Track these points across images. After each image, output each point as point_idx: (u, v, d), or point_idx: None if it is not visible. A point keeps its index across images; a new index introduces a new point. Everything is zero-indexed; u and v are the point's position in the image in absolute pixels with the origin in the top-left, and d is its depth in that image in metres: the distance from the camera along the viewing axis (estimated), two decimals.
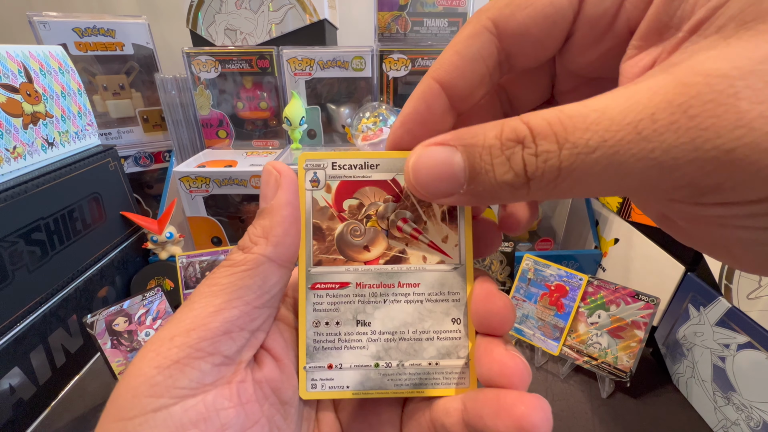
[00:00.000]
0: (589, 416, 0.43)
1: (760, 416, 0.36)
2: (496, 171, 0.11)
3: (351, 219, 0.16)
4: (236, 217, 0.71)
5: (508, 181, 0.11)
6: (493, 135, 0.11)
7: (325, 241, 0.15)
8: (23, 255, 0.43)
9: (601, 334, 0.47)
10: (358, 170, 0.15)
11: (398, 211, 0.16)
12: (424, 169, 0.13)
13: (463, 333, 0.16)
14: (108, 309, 0.43)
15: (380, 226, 0.16)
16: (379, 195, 0.16)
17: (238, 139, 0.77)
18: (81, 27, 0.65)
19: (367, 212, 0.16)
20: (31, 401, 0.43)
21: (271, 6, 0.69)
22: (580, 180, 0.10)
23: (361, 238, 0.16)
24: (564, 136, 0.10)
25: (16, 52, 0.47)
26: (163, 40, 0.82)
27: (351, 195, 0.15)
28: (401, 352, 0.16)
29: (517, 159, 0.11)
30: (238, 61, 0.70)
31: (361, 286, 0.16)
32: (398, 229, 0.16)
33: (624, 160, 0.10)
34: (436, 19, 0.70)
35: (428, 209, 0.16)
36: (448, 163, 0.12)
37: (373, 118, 0.66)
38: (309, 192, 0.15)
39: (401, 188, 0.15)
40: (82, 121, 0.56)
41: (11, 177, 0.44)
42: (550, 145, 0.10)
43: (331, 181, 0.15)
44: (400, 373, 0.16)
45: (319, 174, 0.15)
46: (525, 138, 0.11)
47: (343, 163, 0.15)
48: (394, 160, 0.15)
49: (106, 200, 0.58)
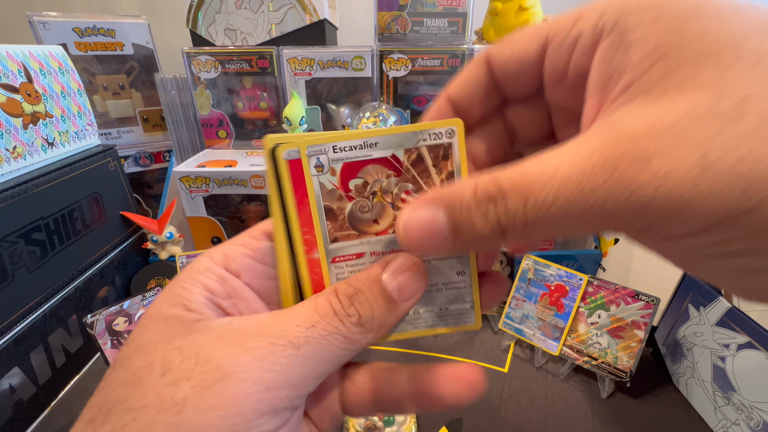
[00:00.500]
0: (589, 416, 0.43)
1: (760, 416, 0.36)
2: (476, 226, 0.13)
3: (358, 197, 0.17)
4: (236, 217, 0.71)
5: (487, 234, 0.13)
6: (470, 195, 0.13)
7: (337, 220, 0.17)
8: (23, 255, 0.43)
9: (601, 334, 0.47)
10: (358, 150, 0.16)
11: (401, 185, 0.17)
12: (414, 230, 0.14)
13: (468, 282, 0.18)
14: (108, 309, 0.43)
15: (385, 200, 0.17)
16: (381, 172, 0.17)
17: (238, 139, 0.77)
18: (81, 27, 0.65)
19: (372, 189, 0.17)
20: (31, 401, 0.43)
21: (271, 6, 0.69)
22: (545, 228, 0.12)
23: (370, 213, 0.17)
24: (527, 194, 0.12)
25: (16, 52, 0.47)
26: (163, 40, 0.82)
27: (355, 175, 0.16)
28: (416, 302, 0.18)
29: (491, 216, 0.13)
30: (238, 61, 0.70)
31: (375, 254, 0.17)
32: (402, 200, 0.17)
33: (574, 211, 0.12)
34: (436, 19, 0.70)
35: (428, 179, 0.17)
36: (434, 223, 0.14)
37: (373, 118, 0.66)
38: (315, 177, 0.16)
39: (401, 162, 0.16)
40: (82, 121, 0.56)
41: (11, 177, 0.44)
42: (517, 202, 0.12)
43: (335, 165, 0.16)
44: (416, 318, 0.18)
45: (322, 159, 0.16)
46: (495, 197, 0.13)
47: (344, 145, 0.16)
48: (391, 137, 0.16)
49: (106, 200, 0.58)
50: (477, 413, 0.43)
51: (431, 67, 0.71)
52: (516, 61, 0.16)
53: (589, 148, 0.12)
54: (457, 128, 0.16)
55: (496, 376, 0.48)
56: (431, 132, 0.16)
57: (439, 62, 0.71)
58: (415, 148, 0.16)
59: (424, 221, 0.14)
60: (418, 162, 0.16)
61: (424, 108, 0.76)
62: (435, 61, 0.71)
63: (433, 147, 0.16)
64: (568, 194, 0.11)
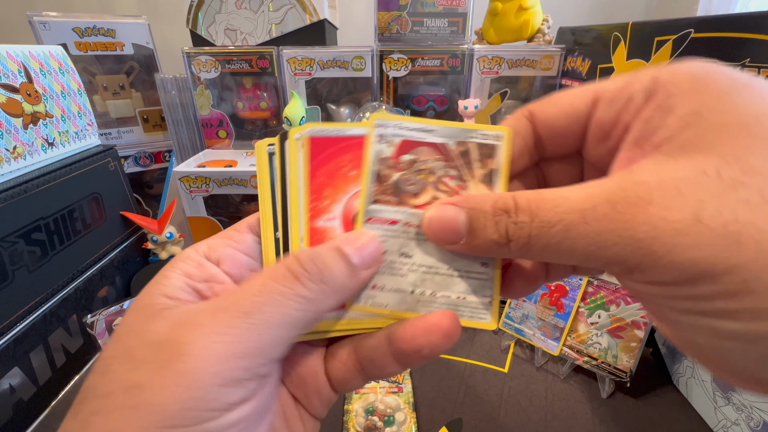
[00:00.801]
0: (589, 416, 0.43)
1: (760, 416, 0.36)
2: (488, 230, 0.15)
3: (407, 170, 0.18)
4: (236, 217, 0.71)
5: (495, 239, 0.15)
6: (490, 204, 0.15)
7: (382, 185, 0.18)
8: (23, 255, 0.43)
9: (601, 334, 0.47)
10: (417, 132, 0.18)
11: (446, 169, 0.18)
12: (436, 222, 0.17)
13: (490, 276, 0.19)
14: (108, 309, 0.43)
15: (429, 179, 0.18)
16: (431, 154, 0.18)
17: (238, 139, 0.77)
18: (81, 27, 0.65)
19: (419, 167, 0.18)
20: (31, 401, 0.43)
21: (271, 6, 0.69)
22: (545, 247, 0.14)
23: (413, 186, 0.18)
24: (536, 213, 0.14)
25: (16, 52, 0.47)
26: (163, 40, 0.82)
27: (408, 151, 0.18)
28: (435, 284, 0.18)
29: (502, 224, 0.15)
30: (238, 61, 0.70)
31: (408, 225, 0.18)
32: (444, 183, 0.18)
33: (573, 236, 0.13)
34: (436, 19, 0.70)
35: (470, 171, 0.18)
36: (455, 220, 0.16)
37: None
38: (375, 144, 0.18)
39: (450, 151, 0.18)
40: (82, 121, 0.56)
41: (11, 177, 0.44)
42: (525, 218, 0.14)
43: (394, 138, 0.18)
44: (431, 301, 0.18)
45: (386, 131, 0.18)
46: (510, 210, 0.15)
47: (406, 125, 0.18)
48: (448, 128, 0.18)
49: (106, 200, 0.58)
50: (477, 413, 0.43)
51: (431, 67, 0.71)
52: (563, 117, 0.17)
53: (600, 187, 0.13)
54: (505, 134, 0.18)
55: (496, 376, 0.48)
56: (483, 132, 0.18)
57: (439, 62, 0.71)
58: (465, 142, 0.18)
59: (447, 216, 0.16)
60: (465, 154, 0.18)
61: (424, 108, 0.76)
62: (435, 61, 0.71)
63: (481, 145, 0.18)
64: (570, 219, 0.13)
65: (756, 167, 0.11)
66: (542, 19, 0.74)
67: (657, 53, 0.48)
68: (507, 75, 0.72)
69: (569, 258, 0.13)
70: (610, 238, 0.12)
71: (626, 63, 0.54)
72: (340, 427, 0.41)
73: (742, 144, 0.11)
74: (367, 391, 0.45)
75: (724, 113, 0.12)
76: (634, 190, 0.12)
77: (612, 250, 0.12)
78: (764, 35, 0.36)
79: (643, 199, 0.12)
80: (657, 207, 0.11)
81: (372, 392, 0.45)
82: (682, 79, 0.13)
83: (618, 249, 0.12)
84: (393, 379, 0.46)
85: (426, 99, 0.76)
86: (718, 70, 0.13)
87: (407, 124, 0.18)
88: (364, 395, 0.44)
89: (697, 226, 0.11)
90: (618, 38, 0.56)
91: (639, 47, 0.52)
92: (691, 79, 0.13)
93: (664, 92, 0.14)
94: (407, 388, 0.45)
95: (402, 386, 0.45)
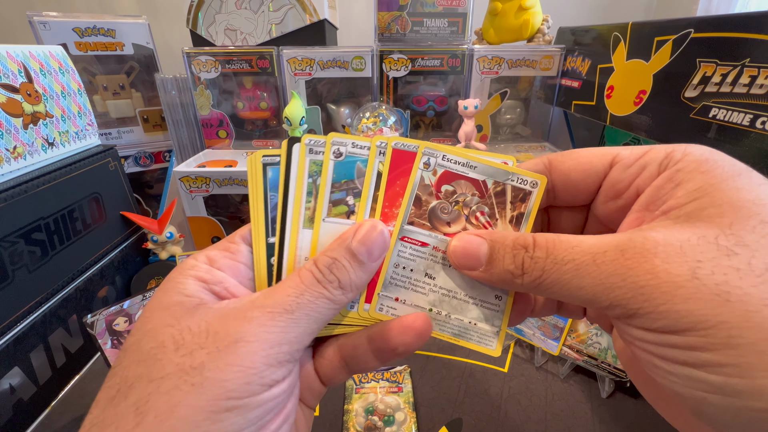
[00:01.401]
0: (589, 416, 0.43)
1: None
2: (506, 261, 0.17)
3: (444, 199, 0.20)
4: (236, 217, 0.71)
5: (511, 270, 0.17)
6: (512, 239, 0.17)
7: (420, 209, 0.20)
8: (23, 255, 0.43)
9: (600, 334, 0.47)
10: (460, 166, 0.20)
11: (479, 205, 0.20)
12: (460, 248, 0.19)
13: (502, 308, 0.20)
14: (108, 309, 0.43)
15: (463, 211, 0.20)
16: (469, 188, 0.20)
17: (238, 139, 0.77)
18: (81, 27, 0.65)
19: (457, 198, 0.20)
20: (31, 401, 0.43)
21: (271, 6, 0.69)
22: (555, 282, 0.15)
23: (447, 216, 0.20)
24: (552, 250, 0.16)
25: (16, 52, 0.47)
26: (163, 40, 0.82)
27: (449, 182, 0.20)
28: (451, 306, 0.20)
29: (519, 257, 0.17)
30: (238, 61, 0.70)
31: (436, 249, 0.20)
32: (476, 218, 0.20)
33: (582, 276, 0.15)
34: (436, 19, 0.71)
35: (502, 210, 0.20)
36: (477, 248, 0.18)
37: (373, 118, 0.66)
38: (420, 171, 0.20)
39: (488, 188, 0.20)
40: (82, 121, 0.56)
41: (11, 177, 0.44)
42: (542, 254, 0.16)
43: (438, 168, 0.20)
44: (445, 321, 0.20)
45: (431, 160, 0.20)
46: (528, 246, 0.17)
47: (451, 157, 0.20)
48: (489, 167, 0.20)
49: (106, 200, 0.58)
50: (477, 413, 0.43)
51: (431, 67, 0.71)
52: (581, 171, 0.19)
53: (612, 237, 0.15)
54: (540, 182, 0.20)
55: (496, 376, 0.48)
56: (521, 177, 0.20)
57: (439, 62, 0.71)
58: (503, 183, 0.20)
59: (472, 245, 0.18)
60: (500, 194, 0.20)
61: (424, 108, 0.76)
62: (435, 61, 0.71)
63: (516, 188, 0.20)
64: (582, 260, 0.15)
65: (748, 242, 0.13)
66: (542, 19, 0.74)
67: (657, 53, 0.48)
68: (507, 75, 0.72)
69: (576, 296, 0.15)
70: (616, 282, 0.14)
71: (626, 63, 0.54)
72: (340, 426, 0.41)
73: (739, 221, 0.13)
74: (367, 391, 0.45)
75: (726, 192, 0.14)
76: (643, 243, 0.14)
77: (616, 293, 0.14)
78: (764, 35, 0.36)
79: (649, 251, 0.14)
80: (661, 260, 0.13)
81: (372, 392, 0.45)
82: (692, 159, 0.15)
83: (621, 293, 0.14)
84: (393, 379, 0.46)
85: (426, 99, 0.76)
86: (724, 158, 0.15)
87: (453, 156, 0.20)
88: (364, 395, 0.44)
89: (694, 282, 0.13)
90: (618, 38, 0.56)
91: (639, 47, 0.52)
92: (701, 161, 0.15)
93: (675, 168, 0.16)
94: (407, 388, 0.45)
95: (402, 386, 0.45)
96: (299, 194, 0.20)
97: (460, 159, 0.20)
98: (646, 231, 0.15)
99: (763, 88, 0.36)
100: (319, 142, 0.20)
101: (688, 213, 0.14)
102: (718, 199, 0.14)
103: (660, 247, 0.14)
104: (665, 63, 0.47)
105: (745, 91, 0.37)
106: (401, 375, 0.47)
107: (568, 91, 0.70)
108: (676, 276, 0.13)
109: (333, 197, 0.20)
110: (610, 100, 0.57)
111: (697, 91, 0.42)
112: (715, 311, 0.12)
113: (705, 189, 0.14)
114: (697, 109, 0.42)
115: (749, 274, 0.12)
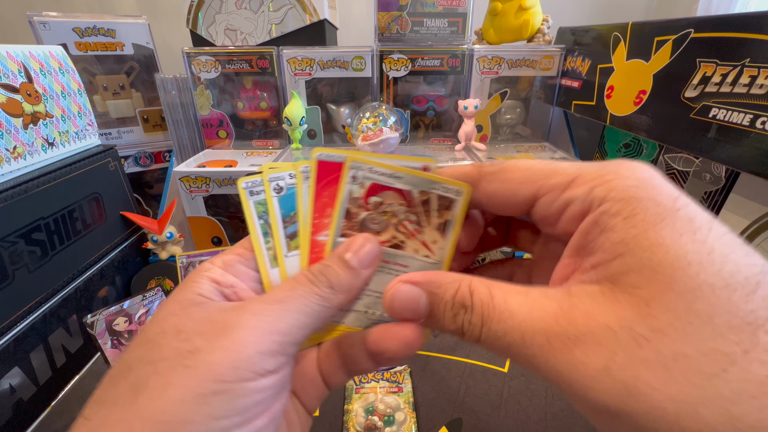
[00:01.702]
0: None
1: None
2: (446, 320, 0.17)
3: (373, 210, 0.20)
4: (236, 217, 0.71)
5: (451, 329, 0.17)
6: (450, 296, 0.17)
7: (351, 222, 0.21)
8: (23, 255, 0.43)
9: None
10: (386, 177, 0.20)
11: (407, 214, 0.21)
12: (398, 301, 0.18)
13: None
14: (108, 309, 0.43)
15: (392, 221, 0.21)
16: (396, 198, 0.20)
17: (238, 139, 0.77)
18: (81, 27, 0.65)
19: (385, 209, 0.20)
20: (31, 401, 0.43)
21: (271, 6, 0.69)
22: (491, 349, 0.16)
23: (377, 225, 0.21)
24: (486, 321, 0.16)
25: (16, 52, 0.47)
26: (163, 40, 0.82)
27: (377, 194, 0.20)
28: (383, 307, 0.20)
29: (459, 319, 0.17)
30: (238, 61, 0.70)
31: None
32: (403, 226, 0.21)
33: (514, 352, 0.15)
34: (436, 19, 0.71)
35: (428, 219, 0.21)
36: (416, 302, 0.18)
37: (373, 118, 0.66)
38: (348, 185, 0.20)
39: (414, 198, 0.20)
40: (82, 121, 0.56)
41: (11, 177, 0.44)
42: (477, 321, 0.16)
43: (365, 181, 0.20)
44: (380, 320, 0.21)
45: (359, 173, 0.20)
46: (467, 307, 0.17)
47: (378, 170, 0.20)
48: (414, 177, 0.20)
49: (106, 200, 0.58)
50: (477, 413, 0.43)
51: (431, 67, 0.71)
52: (505, 198, 0.19)
53: (542, 310, 0.15)
54: (465, 191, 0.20)
55: (496, 376, 0.48)
56: (445, 186, 0.20)
57: (439, 62, 0.71)
58: (428, 192, 0.20)
59: (410, 297, 0.18)
60: (426, 203, 0.20)
61: (424, 108, 0.76)
62: (435, 61, 0.71)
63: (441, 197, 0.20)
64: (512, 338, 0.15)
65: (660, 326, 0.13)
66: (542, 19, 0.74)
67: (657, 53, 0.48)
68: (507, 75, 0.72)
69: (515, 362, 0.16)
70: (540, 366, 0.15)
71: (626, 63, 0.54)
72: (340, 426, 0.41)
73: (656, 297, 0.13)
74: (367, 391, 0.45)
75: (647, 251, 0.14)
76: (566, 330, 0.14)
77: (542, 374, 0.15)
78: (764, 35, 0.36)
79: (571, 341, 0.14)
80: (580, 352, 0.14)
81: (372, 392, 0.45)
82: (617, 199, 0.15)
83: (546, 375, 0.15)
84: (393, 379, 0.46)
85: (426, 99, 0.76)
86: (650, 195, 0.14)
87: (379, 169, 0.20)
88: (364, 395, 0.44)
89: (606, 376, 0.13)
90: (618, 38, 0.56)
91: (639, 47, 0.52)
92: (624, 201, 0.15)
93: (600, 210, 0.15)
94: (407, 388, 0.45)
95: (402, 386, 0.45)
96: (256, 238, 0.21)
97: (386, 171, 0.20)
98: (573, 307, 0.15)
99: (763, 88, 0.36)
100: (257, 182, 0.21)
101: (612, 276, 0.14)
102: (638, 260, 0.14)
103: (581, 338, 0.14)
104: (665, 63, 0.47)
105: (745, 91, 0.37)
106: (401, 375, 0.47)
107: (568, 91, 0.70)
108: (591, 370, 0.13)
109: (288, 231, 0.21)
110: (610, 100, 0.57)
111: (697, 91, 0.42)
112: (625, 402, 0.13)
113: (627, 243, 0.14)
114: (697, 109, 0.42)
115: (656, 364, 0.13)
